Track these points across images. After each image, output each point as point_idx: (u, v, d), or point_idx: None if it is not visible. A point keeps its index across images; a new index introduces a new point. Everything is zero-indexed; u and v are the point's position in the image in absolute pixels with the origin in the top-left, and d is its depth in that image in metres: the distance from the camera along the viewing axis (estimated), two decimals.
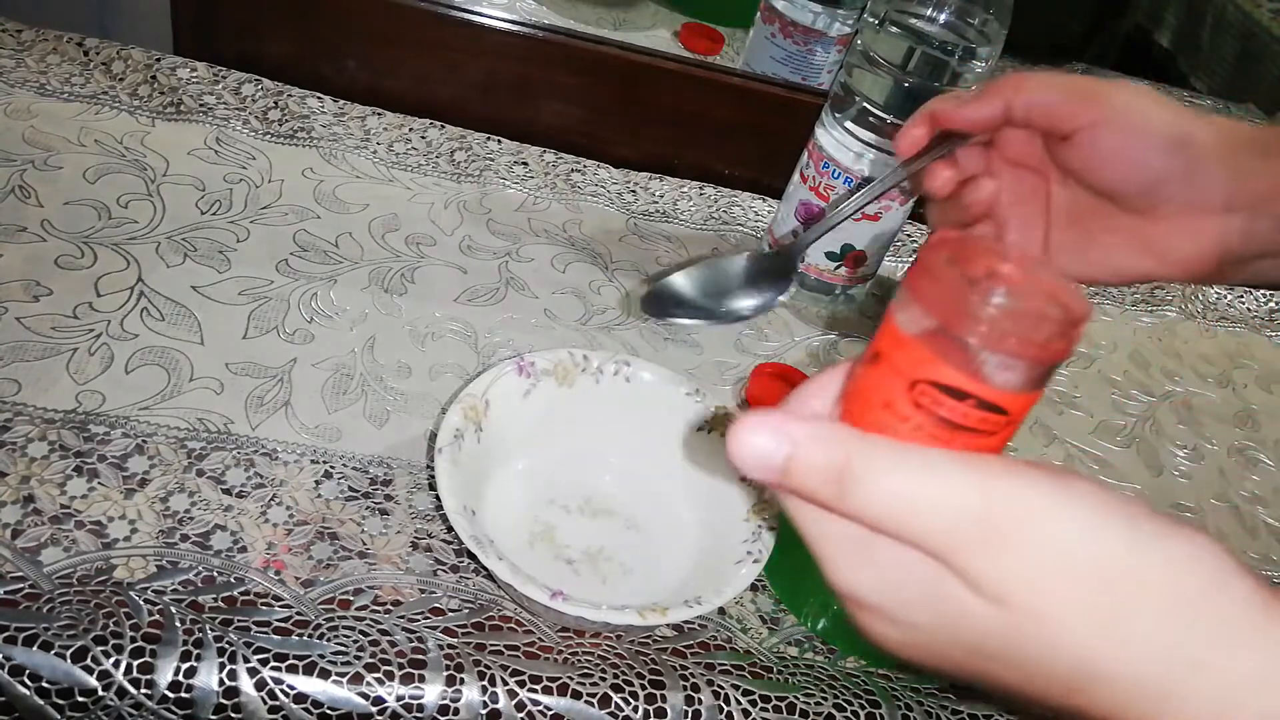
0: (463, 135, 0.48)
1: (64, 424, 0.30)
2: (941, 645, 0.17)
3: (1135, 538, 0.15)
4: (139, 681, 0.25)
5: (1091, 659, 0.15)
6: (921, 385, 0.16)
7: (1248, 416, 0.49)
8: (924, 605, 0.16)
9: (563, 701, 0.27)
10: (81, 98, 0.43)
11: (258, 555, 0.29)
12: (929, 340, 0.16)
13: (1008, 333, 0.16)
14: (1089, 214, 0.29)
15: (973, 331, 0.16)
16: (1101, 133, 0.26)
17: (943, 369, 0.16)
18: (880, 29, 0.39)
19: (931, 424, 0.16)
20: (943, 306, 0.16)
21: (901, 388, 0.16)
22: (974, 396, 0.16)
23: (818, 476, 0.16)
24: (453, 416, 0.30)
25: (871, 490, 0.16)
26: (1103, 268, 0.29)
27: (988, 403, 0.16)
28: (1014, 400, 0.16)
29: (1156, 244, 0.28)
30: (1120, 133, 0.26)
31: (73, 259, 0.36)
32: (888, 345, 0.17)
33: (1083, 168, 0.27)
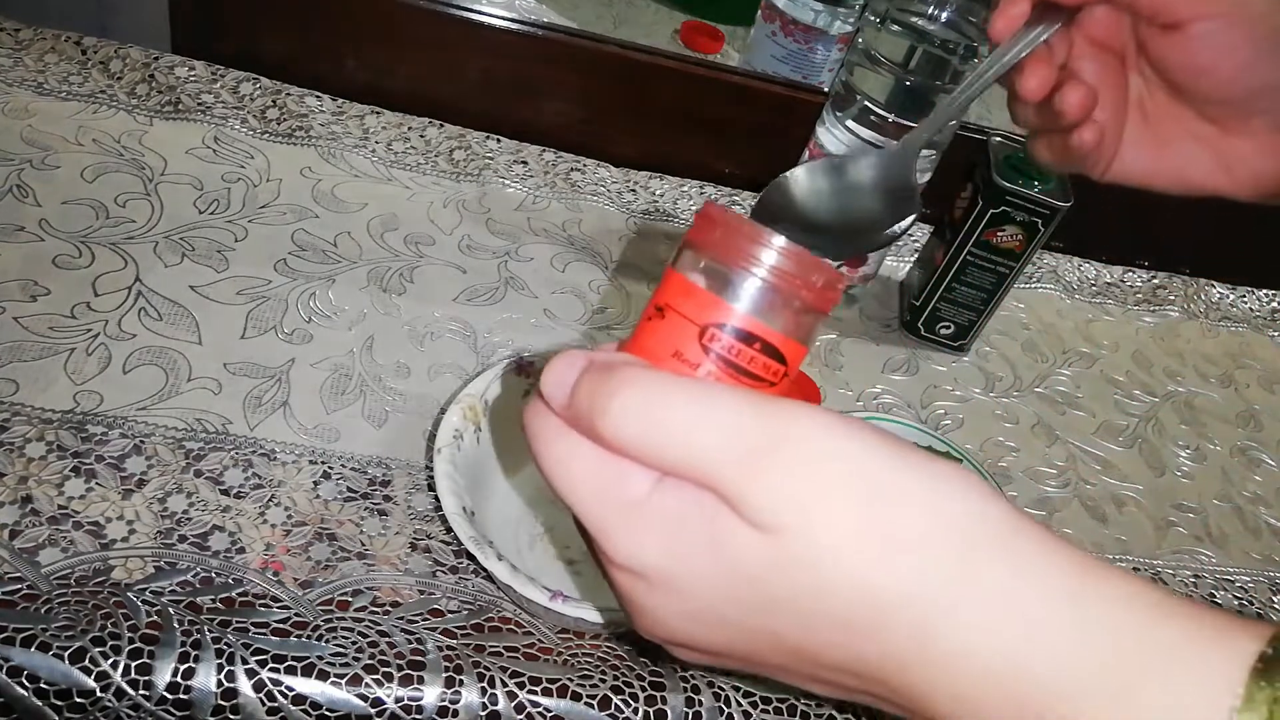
0: (462, 134, 0.48)
1: (62, 424, 0.30)
2: (723, 606, 0.16)
3: (904, 464, 0.15)
4: (137, 683, 0.25)
5: (865, 583, 0.15)
6: (711, 329, 0.17)
7: (1250, 417, 0.48)
8: (703, 552, 0.16)
9: (562, 703, 0.27)
10: (79, 97, 0.43)
11: (256, 556, 0.29)
12: (717, 284, 0.17)
13: (790, 272, 0.17)
14: (1164, 114, 0.26)
15: (759, 269, 0.17)
16: (1219, 28, 0.23)
17: (732, 311, 0.17)
18: (882, 27, 0.39)
19: (720, 370, 0.17)
20: (729, 250, 0.17)
21: (691, 335, 0.17)
22: (760, 339, 0.17)
23: (601, 392, 0.16)
24: (452, 417, 0.30)
25: (648, 409, 0.16)
26: (1173, 176, 0.27)
27: (771, 346, 0.17)
28: (793, 349, 0.17)
29: (1230, 157, 0.26)
30: (1239, 32, 0.23)
31: (70, 259, 0.36)
32: (674, 296, 0.18)
33: (1183, 64, 0.24)
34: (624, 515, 0.16)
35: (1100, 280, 0.54)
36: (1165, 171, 0.27)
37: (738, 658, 0.17)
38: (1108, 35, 0.26)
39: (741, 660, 0.17)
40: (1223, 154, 0.26)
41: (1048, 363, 0.48)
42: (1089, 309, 0.52)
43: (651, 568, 0.16)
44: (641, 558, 0.16)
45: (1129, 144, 0.27)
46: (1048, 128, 0.27)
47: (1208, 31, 0.24)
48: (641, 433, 0.16)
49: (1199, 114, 0.26)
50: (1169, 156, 0.27)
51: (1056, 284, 0.53)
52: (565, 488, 0.17)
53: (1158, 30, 0.25)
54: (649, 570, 0.16)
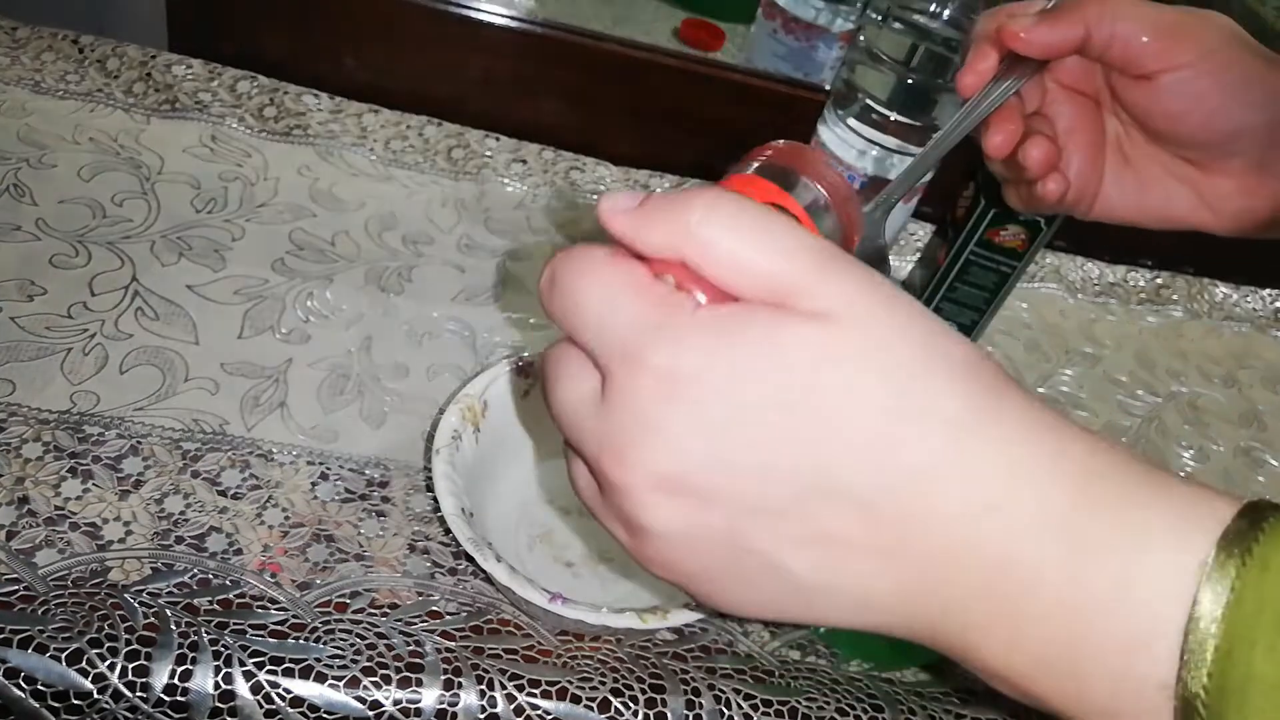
0: (461, 132, 0.47)
1: (58, 425, 0.30)
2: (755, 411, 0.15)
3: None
4: (134, 684, 0.25)
5: (909, 384, 0.15)
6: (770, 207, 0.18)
7: (1254, 417, 0.48)
8: (752, 347, 0.15)
9: (562, 706, 0.27)
10: (76, 95, 0.43)
11: (253, 557, 0.28)
12: (779, 178, 0.20)
13: (838, 186, 0.20)
14: (1143, 155, 0.26)
15: (816, 176, 0.20)
16: (1188, 77, 0.24)
17: (790, 200, 0.19)
18: (883, 25, 0.39)
19: None
20: (794, 158, 0.21)
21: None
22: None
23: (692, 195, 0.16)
24: (450, 417, 0.30)
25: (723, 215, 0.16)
26: (1157, 214, 0.27)
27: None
28: None
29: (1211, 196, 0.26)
30: (1208, 80, 0.24)
31: (67, 258, 0.36)
32: (736, 185, 0.20)
33: (1156, 111, 0.25)
34: (668, 313, 0.16)
35: (1103, 280, 0.54)
36: (1149, 209, 0.28)
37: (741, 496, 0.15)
38: (1081, 82, 0.27)
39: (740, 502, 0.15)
40: (1204, 193, 0.26)
41: (1050, 362, 0.47)
42: (1092, 308, 0.52)
43: (688, 365, 0.15)
44: (681, 354, 0.15)
45: (1111, 184, 0.28)
46: (1016, 178, 0.28)
47: (1177, 80, 0.24)
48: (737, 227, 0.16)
49: (1177, 155, 0.26)
50: (1151, 195, 0.27)
51: (1059, 283, 0.53)
52: (600, 290, 0.16)
53: (1129, 80, 0.25)
54: (684, 368, 0.15)
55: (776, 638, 0.31)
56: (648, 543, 0.17)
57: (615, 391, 0.16)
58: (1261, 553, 0.14)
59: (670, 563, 0.17)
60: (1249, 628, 0.13)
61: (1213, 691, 0.14)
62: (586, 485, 0.18)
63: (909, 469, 0.15)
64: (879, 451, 0.15)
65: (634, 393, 0.16)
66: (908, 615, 0.16)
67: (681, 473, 0.16)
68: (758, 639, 0.31)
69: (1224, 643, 0.14)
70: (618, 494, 0.16)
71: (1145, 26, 0.24)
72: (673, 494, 0.16)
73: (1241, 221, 0.27)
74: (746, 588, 0.17)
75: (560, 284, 0.17)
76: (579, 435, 0.17)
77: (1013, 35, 0.25)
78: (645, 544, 0.17)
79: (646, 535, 0.17)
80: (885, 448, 0.15)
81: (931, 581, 0.15)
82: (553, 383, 0.17)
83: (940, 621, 0.16)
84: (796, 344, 0.15)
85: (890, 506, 0.15)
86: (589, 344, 0.16)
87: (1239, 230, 0.27)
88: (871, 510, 0.15)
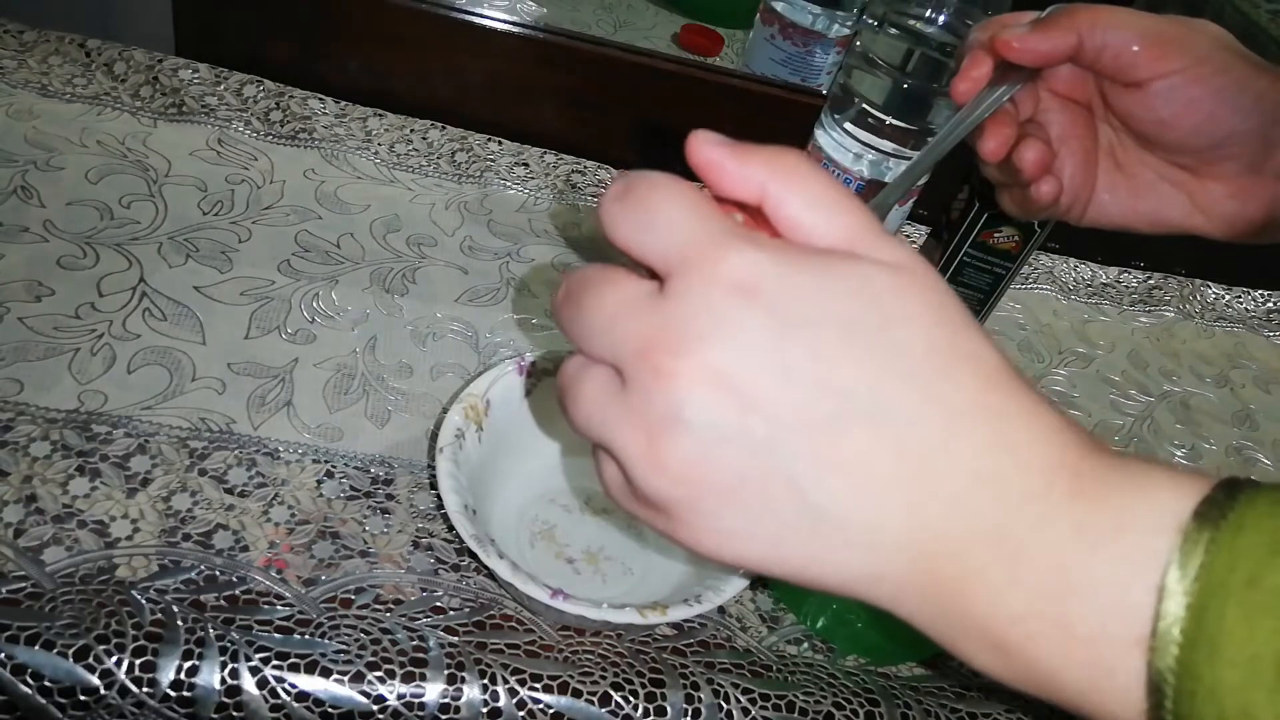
0: (464, 136, 0.48)
1: (66, 424, 0.31)
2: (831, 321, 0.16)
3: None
4: (141, 680, 0.25)
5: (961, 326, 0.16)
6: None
7: (1246, 416, 0.49)
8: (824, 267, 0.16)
9: (563, 700, 0.27)
10: (83, 99, 0.43)
11: (260, 554, 0.29)
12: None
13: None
14: (1135, 161, 0.27)
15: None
16: (1179, 84, 0.24)
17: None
18: (879, 30, 0.39)
19: None
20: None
21: None
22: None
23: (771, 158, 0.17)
24: (454, 416, 0.30)
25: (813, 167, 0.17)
26: (1150, 218, 0.27)
27: None
28: None
29: (1203, 200, 0.26)
30: (1199, 86, 0.24)
31: (75, 259, 0.36)
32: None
33: (1148, 118, 0.25)
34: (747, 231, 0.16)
35: (1096, 281, 0.54)
36: (1141, 214, 0.28)
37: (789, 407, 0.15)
38: (1073, 90, 0.27)
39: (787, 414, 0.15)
40: (1196, 197, 0.27)
41: (1044, 363, 0.48)
42: (1085, 309, 0.52)
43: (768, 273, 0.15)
44: (761, 262, 0.16)
45: (1104, 189, 0.28)
46: (1010, 182, 0.28)
47: (1168, 87, 0.25)
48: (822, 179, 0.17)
49: (1168, 161, 0.27)
50: (1144, 200, 0.28)
51: (1053, 285, 0.53)
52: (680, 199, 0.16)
53: (1121, 87, 0.26)
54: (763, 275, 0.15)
55: (774, 633, 0.31)
56: (675, 443, 0.16)
57: (683, 287, 0.16)
58: (1236, 517, 0.14)
59: (688, 467, 0.16)
60: (1222, 583, 0.14)
61: (1185, 645, 0.14)
62: (599, 392, 0.17)
63: (949, 406, 0.16)
64: (927, 385, 0.16)
65: (707, 287, 0.16)
66: (909, 559, 0.16)
67: (739, 370, 0.15)
68: (755, 634, 0.31)
69: (1197, 600, 0.14)
70: (665, 383, 0.16)
71: (1136, 35, 0.25)
72: (723, 391, 0.15)
73: (1234, 225, 0.27)
74: (753, 512, 0.16)
75: (635, 194, 0.17)
76: (617, 334, 0.16)
77: (1005, 44, 0.25)
78: (672, 442, 0.16)
79: (677, 433, 0.16)
80: (933, 381, 0.16)
81: (942, 519, 0.16)
82: (594, 286, 0.17)
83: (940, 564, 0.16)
84: (872, 277, 0.16)
85: (923, 438, 0.16)
86: (659, 248, 0.16)
87: (1232, 234, 0.27)
88: (905, 441, 0.16)
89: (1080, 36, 0.25)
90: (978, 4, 0.38)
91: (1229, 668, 0.14)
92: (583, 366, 0.17)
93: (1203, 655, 0.14)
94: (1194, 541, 0.14)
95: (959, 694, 0.31)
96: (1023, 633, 0.15)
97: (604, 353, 0.17)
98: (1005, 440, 0.16)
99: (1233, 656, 0.14)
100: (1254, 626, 0.14)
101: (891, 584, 0.16)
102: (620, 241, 0.17)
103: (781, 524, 0.16)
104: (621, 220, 0.17)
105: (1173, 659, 0.14)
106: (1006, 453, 0.16)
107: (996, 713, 0.31)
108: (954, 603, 0.16)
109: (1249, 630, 0.14)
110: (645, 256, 0.17)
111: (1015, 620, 0.15)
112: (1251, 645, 0.13)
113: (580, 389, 0.17)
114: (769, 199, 0.17)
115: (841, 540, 0.16)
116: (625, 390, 0.16)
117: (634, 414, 0.16)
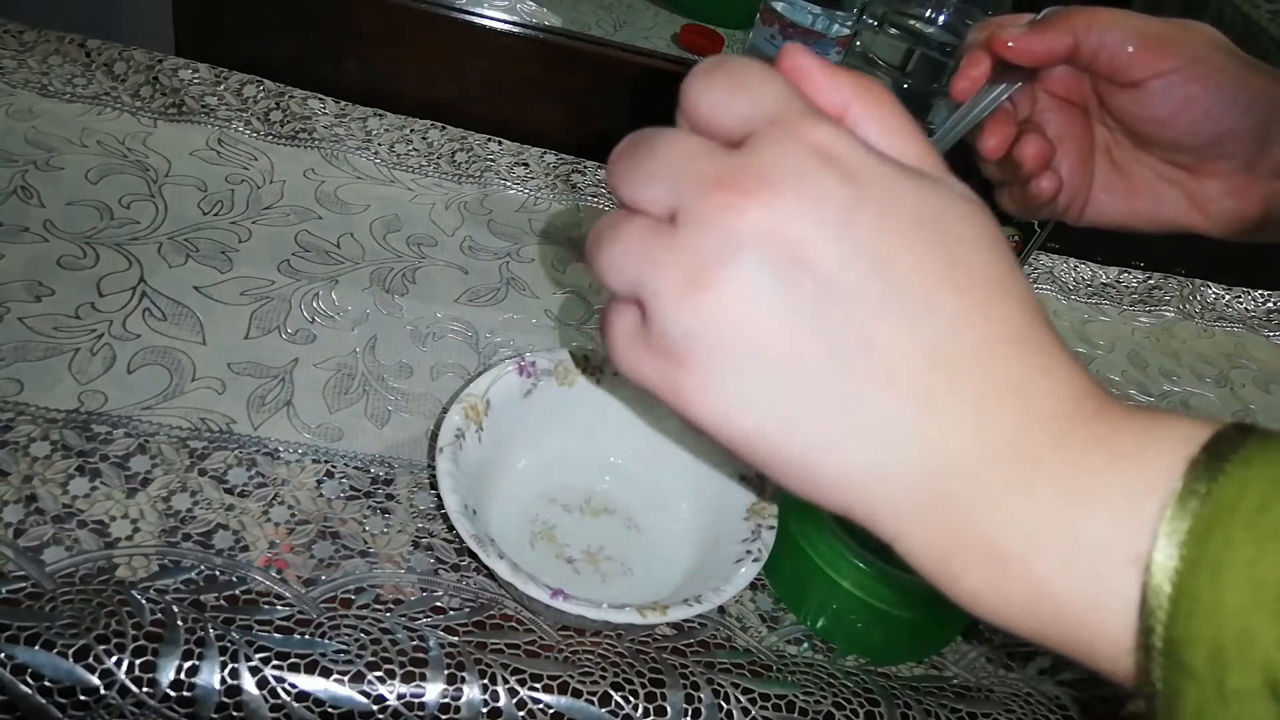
0: (464, 136, 0.48)
1: (66, 424, 0.31)
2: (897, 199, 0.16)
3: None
4: (141, 680, 0.25)
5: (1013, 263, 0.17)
6: None
7: (1245, 416, 0.49)
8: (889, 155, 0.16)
9: (563, 700, 0.27)
10: (83, 98, 0.43)
11: (259, 554, 0.29)
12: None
13: None
14: (1132, 160, 0.27)
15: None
16: (1174, 83, 0.25)
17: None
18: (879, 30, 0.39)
19: None
20: None
21: None
22: None
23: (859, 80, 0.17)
24: (454, 416, 0.30)
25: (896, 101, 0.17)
26: (1148, 217, 0.28)
27: None
28: None
29: (1201, 197, 0.27)
30: (1195, 85, 0.25)
31: (75, 259, 0.36)
32: None
33: (1144, 117, 0.26)
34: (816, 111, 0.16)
35: (1096, 281, 0.54)
36: (1139, 213, 0.28)
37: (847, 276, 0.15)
38: (1070, 91, 0.28)
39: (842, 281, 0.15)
40: (1193, 195, 0.27)
41: None
42: (1085, 309, 0.52)
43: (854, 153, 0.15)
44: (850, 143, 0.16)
45: (1101, 189, 0.28)
46: (1010, 179, 0.28)
47: (1165, 86, 0.25)
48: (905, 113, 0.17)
49: (1165, 159, 0.27)
50: (1141, 199, 0.28)
51: (1053, 285, 0.53)
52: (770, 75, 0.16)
53: (1117, 87, 0.26)
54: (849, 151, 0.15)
55: (774, 633, 0.32)
56: (721, 279, 0.15)
57: (767, 140, 0.15)
58: (1246, 452, 0.14)
59: (726, 309, 0.15)
60: (1230, 507, 0.14)
61: (1187, 561, 0.14)
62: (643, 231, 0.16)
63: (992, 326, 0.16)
64: (976, 302, 0.16)
65: (793, 143, 0.15)
66: (921, 461, 0.15)
67: (805, 226, 0.15)
68: (755, 634, 0.31)
69: (1206, 520, 0.14)
70: (725, 217, 0.15)
71: (1131, 35, 0.25)
72: (783, 241, 0.15)
73: (1232, 222, 0.27)
74: (776, 376, 0.15)
75: (728, 66, 0.16)
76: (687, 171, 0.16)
77: (1002, 44, 0.25)
78: (717, 280, 0.15)
79: (727, 271, 0.15)
80: (982, 301, 0.16)
81: (965, 425, 0.15)
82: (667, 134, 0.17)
83: (953, 468, 0.15)
84: (946, 194, 0.16)
85: (961, 348, 0.15)
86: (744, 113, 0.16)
87: (1230, 231, 0.28)
88: (943, 346, 0.15)
89: (1077, 38, 0.25)
90: (977, 4, 0.38)
91: (1231, 590, 0.13)
92: (627, 215, 0.17)
93: (1204, 577, 0.14)
94: (1204, 468, 0.14)
95: (959, 694, 0.31)
96: (1027, 543, 0.15)
97: (665, 193, 0.16)
98: (1040, 365, 0.16)
99: (1236, 580, 0.13)
100: (1262, 549, 0.13)
101: (895, 484, 0.16)
102: (705, 108, 0.16)
103: (801, 397, 0.15)
104: (709, 88, 0.16)
105: (1169, 579, 0.14)
106: (1040, 374, 0.16)
107: (996, 713, 0.31)
108: (958, 511, 0.15)
109: (1257, 553, 0.13)
110: (730, 121, 0.16)
111: (1021, 530, 0.15)
112: (1257, 569, 0.13)
113: (619, 229, 0.16)
114: (850, 116, 0.17)
115: (856, 427, 0.15)
116: (677, 229, 0.16)
117: (681, 250, 0.15)
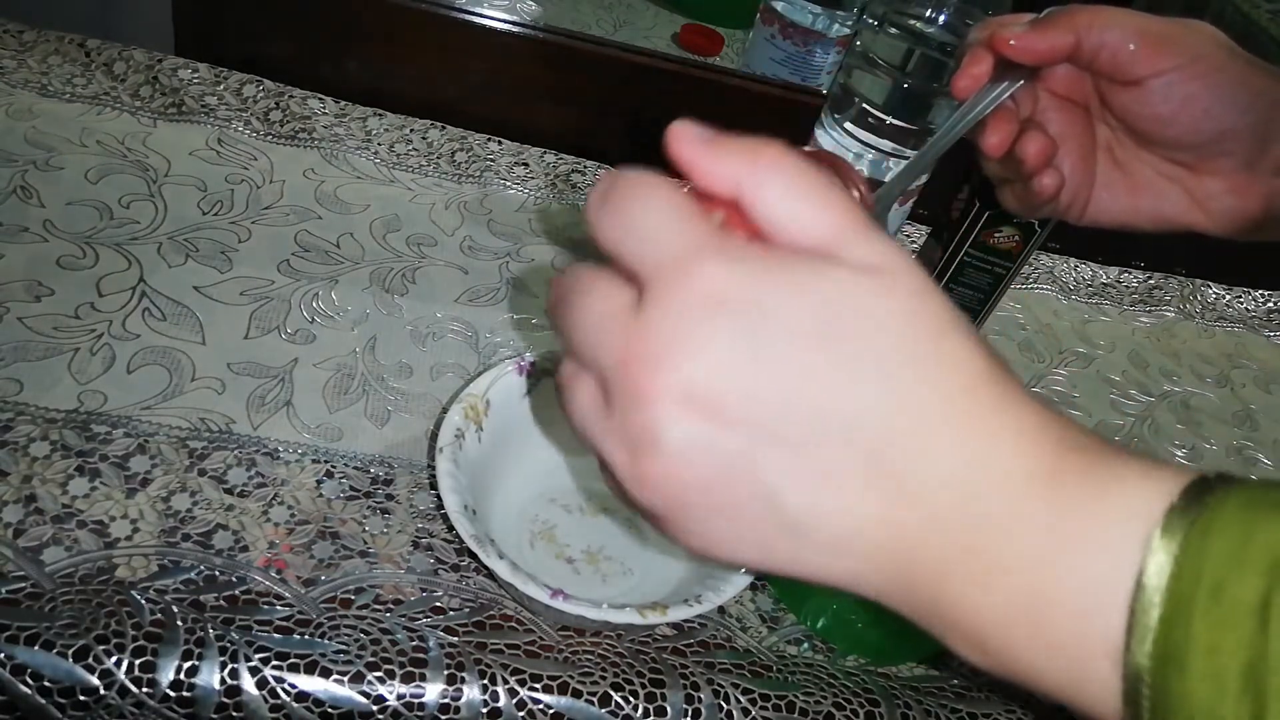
0: (464, 136, 0.48)
1: (66, 424, 0.31)
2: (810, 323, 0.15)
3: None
4: (141, 680, 0.25)
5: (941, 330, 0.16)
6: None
7: (1246, 416, 0.49)
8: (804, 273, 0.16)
9: (563, 700, 0.27)
10: (83, 98, 0.43)
11: (259, 554, 0.29)
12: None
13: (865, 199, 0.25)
14: (1133, 159, 0.27)
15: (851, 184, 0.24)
16: (1176, 81, 0.25)
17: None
18: (879, 30, 0.39)
19: None
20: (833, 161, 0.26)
21: None
22: None
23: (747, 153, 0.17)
24: (454, 416, 0.30)
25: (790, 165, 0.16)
26: (1149, 216, 0.28)
27: None
28: None
29: (1202, 196, 0.27)
30: (1196, 82, 0.25)
31: (74, 259, 0.36)
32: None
33: (1145, 115, 0.26)
34: (724, 238, 0.16)
35: (1097, 281, 0.54)
36: (1141, 212, 0.28)
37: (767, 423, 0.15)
38: (1071, 90, 0.28)
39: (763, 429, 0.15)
40: (1194, 193, 0.27)
41: (1044, 363, 0.48)
42: (1085, 309, 0.52)
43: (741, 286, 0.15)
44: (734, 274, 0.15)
45: (1102, 188, 0.28)
46: (1012, 177, 0.28)
47: (1166, 84, 0.25)
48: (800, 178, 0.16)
49: (1166, 158, 0.27)
50: (1142, 198, 0.28)
51: (1053, 285, 0.53)
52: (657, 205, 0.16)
53: (1118, 86, 0.26)
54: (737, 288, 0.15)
55: (774, 633, 0.31)
56: (654, 459, 0.16)
57: (660, 301, 0.16)
58: (1204, 522, 0.14)
59: (668, 483, 0.16)
60: (1188, 595, 0.14)
61: (1156, 659, 0.14)
62: (589, 402, 0.17)
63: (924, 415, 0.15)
64: (901, 394, 0.15)
65: (682, 303, 0.16)
66: (887, 562, 0.16)
67: (716, 389, 0.15)
68: (755, 634, 0.31)
69: (1167, 610, 0.14)
70: (640, 403, 0.16)
71: (1133, 34, 0.25)
72: (700, 409, 0.16)
73: (1233, 220, 0.27)
74: (735, 522, 0.16)
75: (614, 199, 0.17)
76: (600, 346, 0.16)
77: (1003, 42, 0.25)
78: (650, 460, 0.16)
79: (656, 450, 0.16)
80: (909, 390, 0.15)
81: (916, 528, 0.16)
82: (580, 295, 0.17)
83: (916, 571, 0.16)
84: (846, 283, 0.16)
85: (894, 448, 0.15)
86: (636, 256, 0.16)
87: (1231, 230, 0.28)
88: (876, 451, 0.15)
89: (1078, 36, 0.25)
90: (978, 4, 0.38)
91: (1198, 682, 0.14)
92: (575, 373, 0.18)
93: (1172, 671, 0.14)
94: (1164, 550, 0.14)
95: (959, 694, 0.31)
96: (1001, 638, 0.15)
97: (590, 362, 0.17)
98: (980, 448, 0.16)
99: (1199, 669, 0.14)
100: (1221, 636, 0.13)
101: (873, 586, 0.17)
102: (604, 245, 0.17)
103: (763, 532, 0.16)
104: (603, 225, 0.17)
105: (1146, 673, 0.14)
106: (979, 462, 0.15)
107: (997, 713, 0.31)
108: (934, 606, 0.16)
109: (1216, 639, 0.13)
110: (626, 263, 0.17)
111: (993, 626, 0.16)
112: (1217, 658, 0.13)
113: (573, 397, 0.18)
114: (744, 197, 0.16)
115: (818, 547, 0.16)
116: (609, 404, 0.17)
117: (617, 431, 0.17)
